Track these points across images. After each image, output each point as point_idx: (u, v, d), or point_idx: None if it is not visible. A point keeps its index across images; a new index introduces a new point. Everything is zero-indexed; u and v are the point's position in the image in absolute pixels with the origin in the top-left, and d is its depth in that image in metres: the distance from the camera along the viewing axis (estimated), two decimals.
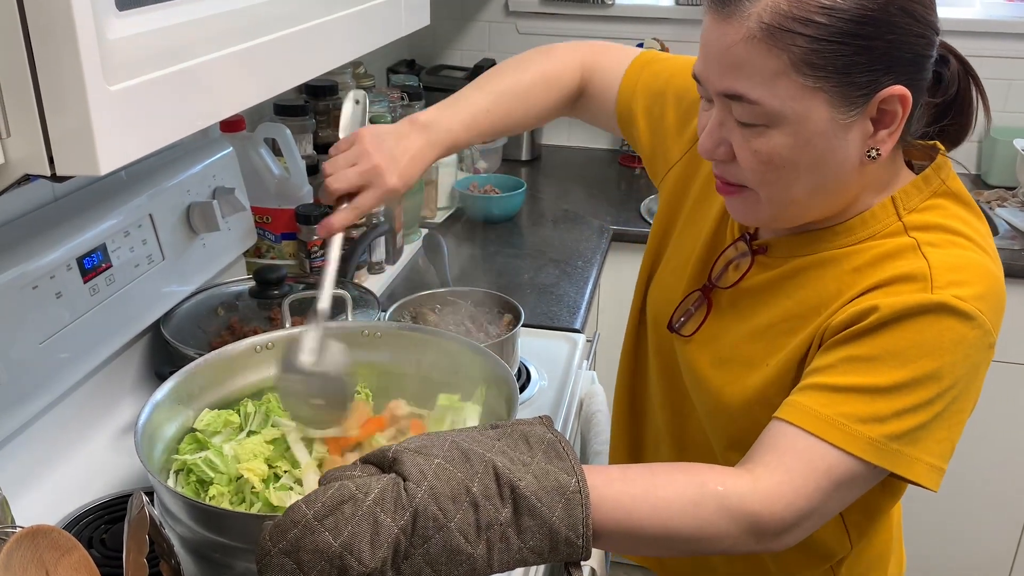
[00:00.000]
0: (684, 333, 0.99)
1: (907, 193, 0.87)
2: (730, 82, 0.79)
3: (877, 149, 0.81)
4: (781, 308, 0.89)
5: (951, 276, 0.79)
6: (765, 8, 0.76)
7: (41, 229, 1.09)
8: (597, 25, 2.57)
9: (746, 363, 0.91)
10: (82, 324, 1.11)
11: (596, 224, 2.13)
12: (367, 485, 0.65)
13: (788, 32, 0.75)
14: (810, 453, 0.76)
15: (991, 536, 2.26)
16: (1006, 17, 2.42)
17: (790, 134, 0.79)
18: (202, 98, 0.73)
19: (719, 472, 0.76)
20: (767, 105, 0.78)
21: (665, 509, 0.73)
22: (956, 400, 0.79)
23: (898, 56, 0.77)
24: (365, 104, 1.05)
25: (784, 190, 0.83)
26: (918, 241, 0.83)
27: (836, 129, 0.79)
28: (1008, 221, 2.19)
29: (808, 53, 0.76)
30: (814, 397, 0.79)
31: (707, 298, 0.97)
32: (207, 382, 1.00)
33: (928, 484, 0.79)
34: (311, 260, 1.58)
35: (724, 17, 0.78)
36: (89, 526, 1.05)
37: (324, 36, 0.95)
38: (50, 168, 0.61)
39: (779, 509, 0.74)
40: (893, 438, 0.77)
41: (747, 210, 0.88)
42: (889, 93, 0.78)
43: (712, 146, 0.84)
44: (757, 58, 0.77)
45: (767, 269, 0.92)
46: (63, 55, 0.57)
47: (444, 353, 1.06)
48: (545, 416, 0.76)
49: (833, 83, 0.77)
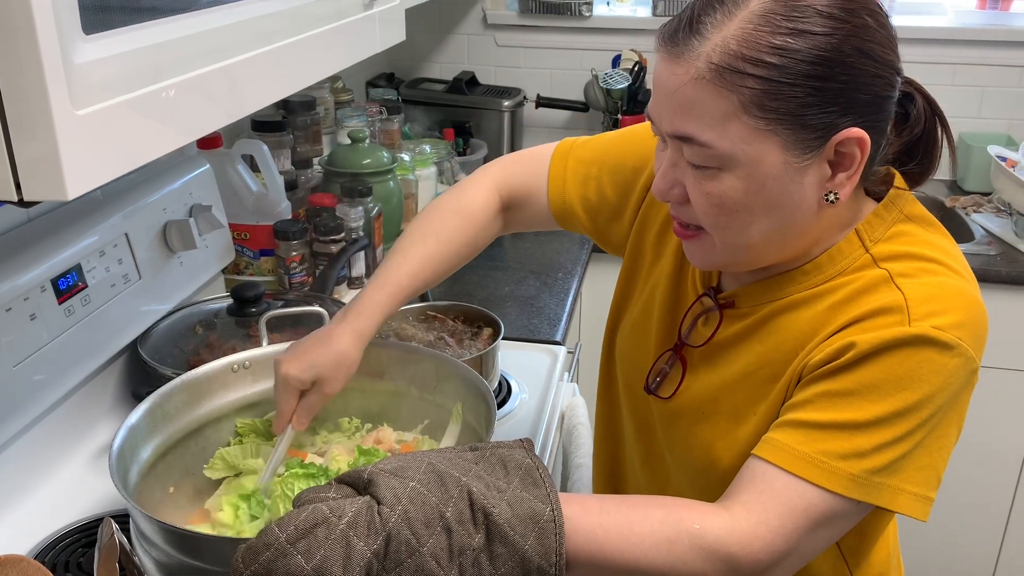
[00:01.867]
0: (662, 395, 0.96)
1: (870, 224, 0.85)
2: (680, 124, 0.77)
3: (835, 193, 0.79)
4: (757, 355, 0.87)
5: (928, 306, 0.77)
6: (715, 48, 0.74)
7: (14, 250, 1.08)
8: (574, 37, 2.58)
9: (731, 415, 0.89)
10: (57, 346, 1.10)
11: (577, 235, 2.13)
12: (340, 508, 0.65)
13: (738, 73, 0.73)
14: (788, 492, 0.75)
15: (974, 538, 2.27)
16: (978, 25, 2.45)
17: (743, 177, 0.77)
18: (174, 119, 0.73)
19: (697, 509, 0.75)
20: (717, 148, 0.76)
21: (639, 544, 0.72)
22: (937, 427, 0.77)
23: (854, 97, 0.75)
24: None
25: (738, 234, 0.81)
26: (890, 272, 0.81)
27: (791, 173, 0.77)
28: (983, 226, 2.21)
29: (759, 95, 0.73)
30: (792, 434, 0.77)
31: (680, 356, 0.95)
32: (183, 403, 0.99)
33: (915, 514, 0.77)
34: (290, 276, 1.58)
35: (674, 57, 0.76)
36: (66, 550, 1.04)
37: (298, 54, 0.94)
38: (17, 194, 0.60)
39: (756, 550, 0.73)
40: (874, 472, 0.75)
41: (703, 254, 0.86)
42: (845, 136, 0.76)
43: (666, 187, 0.83)
44: (707, 99, 0.75)
45: (738, 320, 0.90)
46: (28, 81, 0.57)
47: (422, 369, 1.06)
48: (526, 439, 0.75)
49: (786, 125, 0.75)
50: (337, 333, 0.96)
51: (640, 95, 2.44)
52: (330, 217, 1.62)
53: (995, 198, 2.30)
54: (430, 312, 1.41)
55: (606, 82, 2.41)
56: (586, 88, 2.50)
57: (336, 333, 0.96)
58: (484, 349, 1.32)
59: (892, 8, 2.43)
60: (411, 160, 2.01)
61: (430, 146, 2.14)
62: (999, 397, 2.12)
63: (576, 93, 2.56)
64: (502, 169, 1.11)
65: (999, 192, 2.23)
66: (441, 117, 2.43)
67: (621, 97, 2.43)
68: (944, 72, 2.42)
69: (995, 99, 2.45)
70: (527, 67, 2.64)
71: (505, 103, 2.42)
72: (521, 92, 2.49)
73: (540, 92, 2.56)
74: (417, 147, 2.12)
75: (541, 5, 2.55)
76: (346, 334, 0.96)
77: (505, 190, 1.09)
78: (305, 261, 1.59)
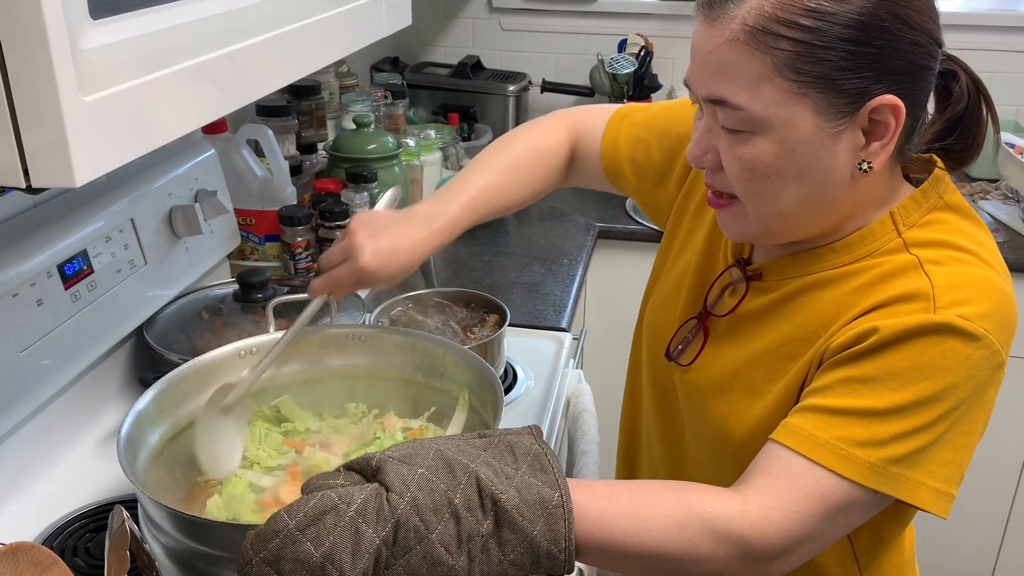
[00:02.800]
0: (682, 362, 0.96)
1: (906, 208, 0.84)
2: (714, 86, 0.78)
3: (869, 162, 0.78)
4: (780, 332, 0.87)
5: (955, 295, 0.76)
6: (750, 11, 0.75)
7: (20, 236, 1.07)
8: (581, 21, 2.57)
9: (748, 391, 0.88)
10: (64, 331, 1.10)
11: (582, 221, 2.13)
12: (349, 495, 0.65)
13: (772, 35, 0.74)
14: (805, 477, 0.74)
15: (974, 535, 2.26)
16: (988, 10, 2.43)
17: (775, 141, 0.77)
18: (181, 105, 0.73)
19: (709, 493, 0.74)
20: (750, 110, 0.76)
21: (649, 529, 0.71)
22: (960, 421, 0.76)
23: (890, 64, 0.75)
24: (398, 199, 1.09)
25: (770, 201, 0.81)
26: (920, 259, 0.80)
27: (823, 138, 0.77)
28: (991, 214, 2.20)
29: (792, 57, 0.74)
30: (811, 419, 0.77)
31: (703, 326, 0.95)
32: (190, 388, 0.99)
33: (935, 510, 0.76)
34: (295, 262, 1.58)
35: (710, 20, 0.77)
36: (74, 535, 1.04)
37: (304, 39, 0.94)
38: (25, 180, 0.60)
39: (770, 534, 0.72)
40: (893, 462, 0.74)
41: (736, 224, 0.86)
42: (879, 103, 0.75)
43: (700, 153, 0.83)
44: (740, 61, 0.76)
45: (764, 294, 0.89)
46: (36, 66, 0.56)
47: (429, 356, 1.06)
48: (534, 426, 0.75)
49: (819, 89, 0.75)
50: (419, 243, 0.97)
51: (646, 80, 2.43)
52: (335, 202, 1.61)
53: (1003, 185, 2.29)
54: (436, 299, 1.41)
55: (612, 67, 2.40)
56: (592, 73, 2.49)
57: (417, 243, 0.97)
58: (490, 336, 1.32)
59: None
60: (416, 145, 2.00)
61: (435, 131, 2.13)
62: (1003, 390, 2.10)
63: (582, 78, 2.55)
64: (577, 119, 1.14)
65: (1007, 179, 2.22)
66: (446, 101, 2.42)
67: (627, 82, 2.41)
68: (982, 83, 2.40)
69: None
70: (532, 51, 2.62)
71: (510, 88, 2.41)
72: (526, 77, 2.48)
73: (545, 77, 2.54)
74: (422, 132, 2.11)
75: None
76: (426, 247, 0.98)
77: (575, 139, 1.13)
78: (310, 247, 1.59)
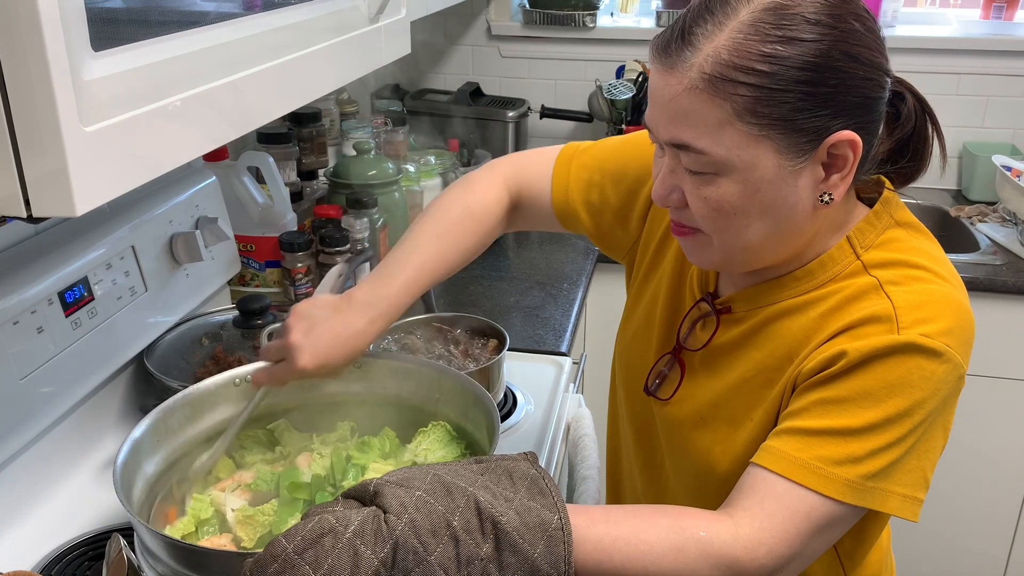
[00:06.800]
0: (661, 396, 0.98)
1: (861, 231, 0.87)
2: (676, 132, 0.79)
3: (830, 194, 0.81)
4: (753, 361, 0.89)
5: (916, 314, 0.79)
6: (707, 59, 0.76)
7: (22, 263, 1.08)
8: (578, 48, 2.59)
9: (729, 421, 0.91)
10: (64, 358, 1.10)
11: (581, 245, 2.13)
12: (347, 518, 0.65)
13: (730, 82, 0.75)
14: (789, 498, 0.77)
15: (982, 545, 2.26)
16: (982, 34, 2.45)
17: (739, 182, 0.79)
18: (182, 134, 0.73)
19: (701, 517, 0.76)
20: (713, 154, 0.78)
21: (648, 553, 0.73)
22: (926, 432, 0.80)
23: (845, 100, 0.77)
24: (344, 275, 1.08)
25: (736, 236, 0.83)
26: (879, 280, 0.83)
27: (785, 176, 0.79)
28: (989, 236, 2.21)
29: (751, 102, 0.75)
30: (789, 442, 0.79)
31: (678, 359, 0.97)
32: (186, 417, 0.99)
33: (905, 515, 0.80)
34: (295, 288, 1.58)
35: (667, 68, 0.78)
36: (72, 563, 1.04)
37: (305, 68, 0.95)
38: (26, 210, 0.61)
39: (761, 555, 0.75)
40: (869, 477, 0.78)
41: (700, 253, 0.88)
42: (838, 138, 0.78)
43: (665, 193, 0.85)
44: (701, 108, 0.77)
45: (734, 325, 0.92)
46: (38, 98, 0.57)
47: (426, 381, 1.06)
48: (530, 452, 0.76)
49: (779, 130, 0.76)
50: (360, 333, 0.96)
51: (644, 105, 2.45)
52: (335, 229, 1.62)
53: (1000, 208, 2.30)
54: (435, 324, 1.41)
55: (610, 92, 2.42)
56: (590, 99, 2.50)
57: (359, 333, 0.95)
58: (490, 360, 1.33)
59: (896, 18, 2.43)
60: (416, 171, 2.02)
61: (435, 157, 2.15)
62: (1006, 407, 2.11)
63: (580, 104, 2.57)
64: (512, 167, 1.12)
65: (1004, 202, 2.23)
66: (446, 128, 2.44)
67: (625, 107, 2.43)
68: (948, 82, 2.42)
69: (999, 109, 2.45)
70: (531, 78, 2.64)
71: (509, 114, 2.43)
72: (525, 103, 2.50)
73: (544, 103, 2.56)
74: (422, 158, 2.12)
75: (545, 16, 2.56)
76: (368, 335, 0.96)
77: (514, 189, 1.11)
78: (311, 273, 1.59)
